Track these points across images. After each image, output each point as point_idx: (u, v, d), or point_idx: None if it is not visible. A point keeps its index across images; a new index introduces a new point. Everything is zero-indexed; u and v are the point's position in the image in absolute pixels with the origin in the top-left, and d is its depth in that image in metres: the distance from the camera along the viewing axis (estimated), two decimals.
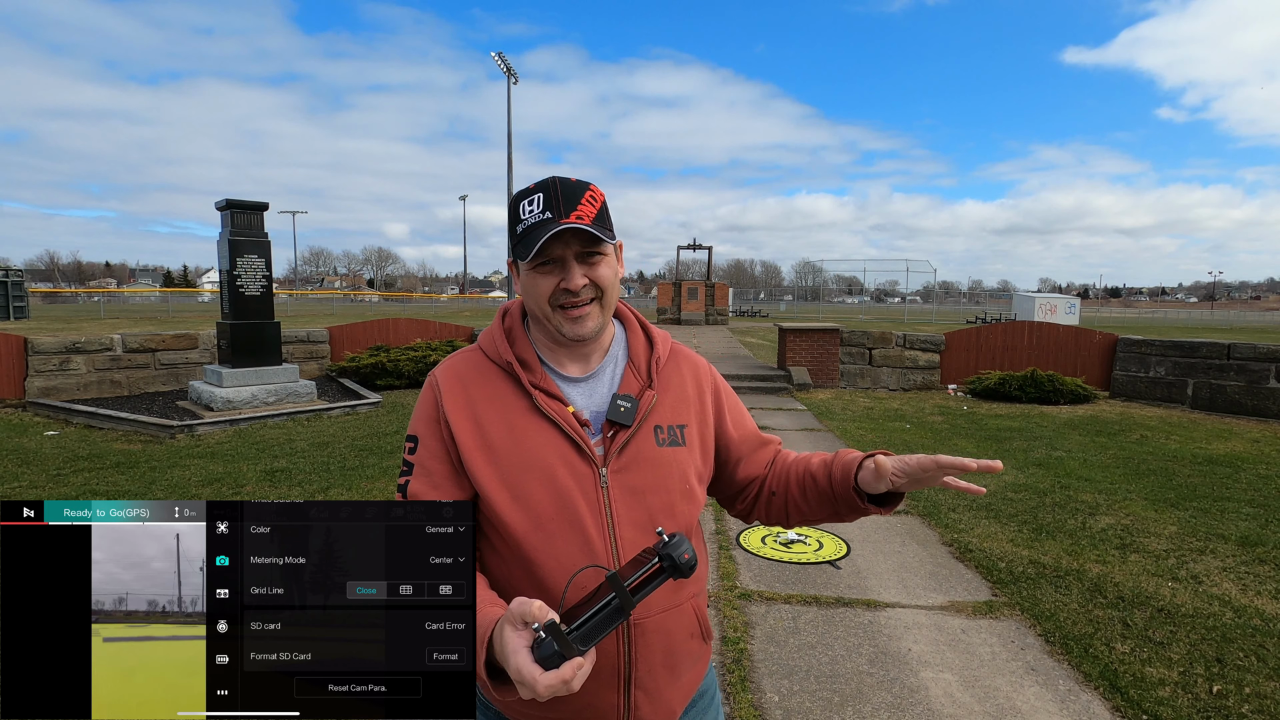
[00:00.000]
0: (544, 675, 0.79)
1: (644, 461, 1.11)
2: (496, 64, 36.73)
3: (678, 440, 1.15)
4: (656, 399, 1.15)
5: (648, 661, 1.08)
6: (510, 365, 1.12)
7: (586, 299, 1.08)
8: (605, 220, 1.09)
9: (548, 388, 1.11)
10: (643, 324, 1.25)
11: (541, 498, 1.05)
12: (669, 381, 1.19)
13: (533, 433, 1.08)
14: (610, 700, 1.06)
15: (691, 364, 1.26)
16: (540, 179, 1.10)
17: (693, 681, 1.17)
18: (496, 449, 1.07)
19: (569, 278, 1.06)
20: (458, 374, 1.14)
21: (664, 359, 1.21)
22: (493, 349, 1.15)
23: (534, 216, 1.05)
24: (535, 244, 1.03)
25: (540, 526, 1.04)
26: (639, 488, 1.09)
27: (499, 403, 1.10)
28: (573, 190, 1.06)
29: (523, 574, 1.05)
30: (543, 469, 1.06)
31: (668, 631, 1.10)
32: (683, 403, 1.19)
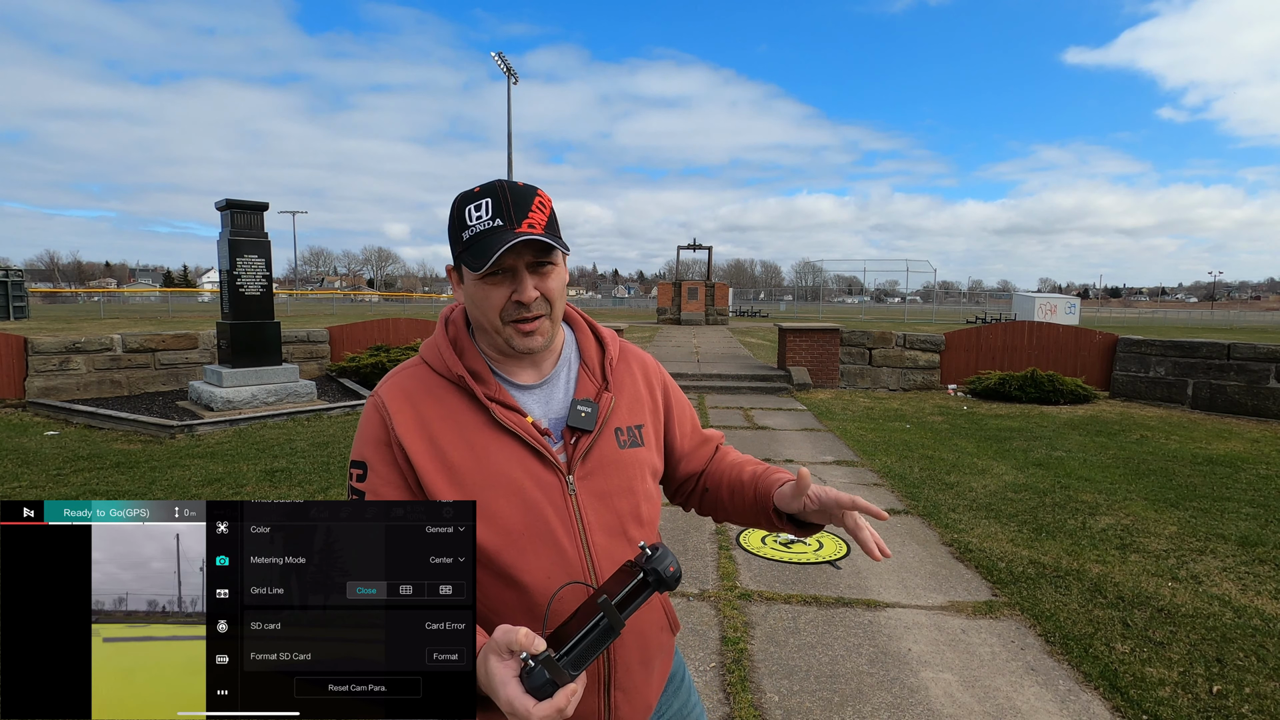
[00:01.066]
0: (538, 707, 0.77)
1: (609, 465, 1.10)
2: (497, 64, 36.73)
3: (637, 440, 1.15)
4: (614, 401, 1.14)
5: (625, 663, 1.08)
6: (462, 379, 1.07)
7: (538, 312, 1.05)
8: (555, 228, 1.05)
9: (504, 399, 1.07)
10: (590, 324, 1.23)
11: (509, 513, 1.02)
12: (622, 382, 1.19)
13: (494, 448, 1.04)
14: (591, 704, 1.06)
15: (641, 362, 1.25)
16: (485, 182, 1.04)
17: (664, 672, 1.18)
18: (457, 468, 1.02)
19: (521, 289, 1.02)
20: (405, 392, 1.07)
21: (616, 359, 1.20)
22: (440, 363, 1.10)
23: (483, 224, 1.00)
24: (489, 254, 0.98)
25: (512, 543, 1.02)
26: (606, 492, 1.09)
27: (453, 420, 1.05)
28: (522, 196, 1.02)
29: (504, 590, 1.03)
30: (508, 484, 1.03)
31: (641, 631, 1.10)
32: (637, 402, 1.19)
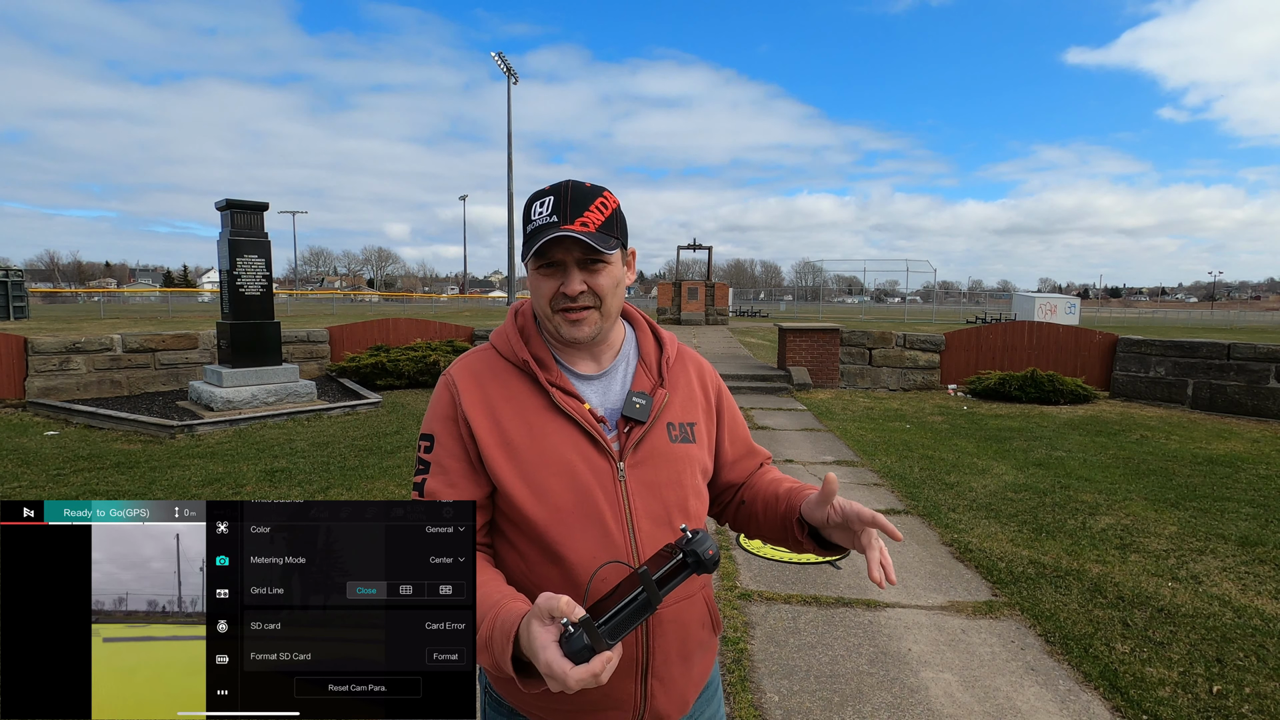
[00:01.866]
0: (574, 669, 0.80)
1: (659, 456, 1.13)
2: (497, 64, 36.69)
3: (689, 437, 1.19)
4: (669, 397, 1.18)
5: (664, 652, 1.10)
6: (526, 364, 1.14)
7: (584, 305, 1.10)
8: (613, 228, 1.10)
9: (564, 385, 1.13)
10: (651, 325, 1.28)
11: (560, 492, 1.07)
12: (677, 380, 1.23)
13: (551, 430, 1.10)
14: (628, 689, 1.09)
15: (697, 365, 1.29)
16: (556, 181, 1.12)
17: (703, 672, 1.21)
18: (516, 446, 1.09)
19: (568, 283, 1.08)
20: (474, 373, 1.16)
21: (673, 359, 1.24)
22: (507, 348, 1.17)
23: (542, 219, 1.07)
24: (534, 246, 1.06)
25: (561, 520, 1.07)
26: (655, 482, 1.12)
27: (516, 401, 1.12)
28: (584, 196, 1.08)
29: (549, 565, 1.08)
30: (562, 464, 1.08)
31: (683, 622, 1.13)
32: (691, 401, 1.23)
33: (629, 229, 1.18)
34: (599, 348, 1.18)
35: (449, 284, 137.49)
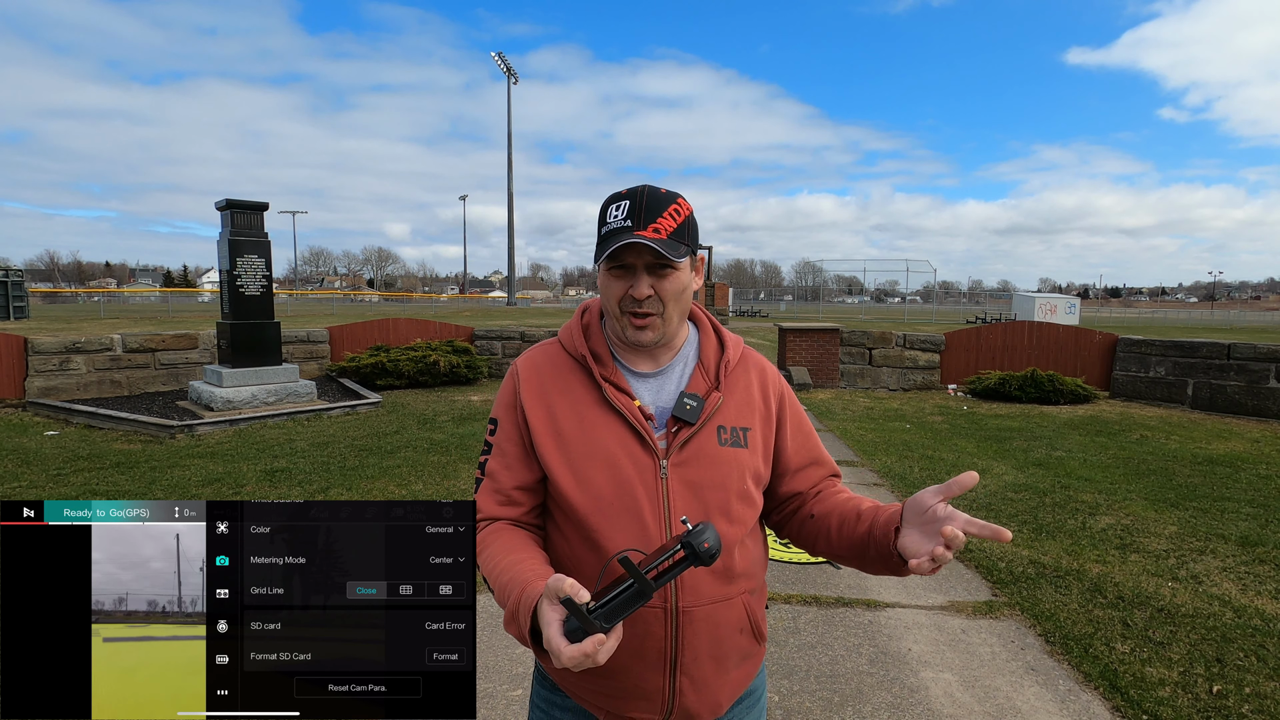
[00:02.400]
0: (567, 647, 0.84)
1: (704, 458, 1.14)
2: (497, 64, 36.69)
3: (740, 442, 1.18)
4: (722, 400, 1.19)
5: (693, 649, 1.11)
6: (584, 358, 1.19)
7: (650, 310, 1.13)
8: (684, 234, 1.13)
9: (617, 381, 1.17)
10: (715, 328, 1.29)
11: (603, 483, 1.11)
12: (735, 384, 1.22)
13: (600, 423, 1.14)
14: (656, 682, 1.11)
15: (760, 369, 1.28)
16: (633, 185, 1.15)
17: (742, 679, 1.20)
18: (566, 436, 1.14)
19: (636, 286, 1.12)
20: (535, 365, 1.22)
21: (733, 363, 1.24)
22: (570, 343, 1.23)
23: (616, 222, 1.11)
24: (607, 249, 1.09)
25: (601, 509, 1.11)
26: (697, 483, 1.13)
27: (571, 394, 1.17)
28: (658, 202, 1.11)
29: (588, 552, 1.12)
30: (606, 457, 1.12)
31: (715, 623, 1.13)
32: (748, 406, 1.22)
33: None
34: (658, 347, 1.21)
35: (449, 284, 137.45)
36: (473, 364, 11.69)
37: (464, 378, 11.54)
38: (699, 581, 1.10)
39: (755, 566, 1.20)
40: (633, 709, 1.13)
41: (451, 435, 7.47)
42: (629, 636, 1.06)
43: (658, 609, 1.08)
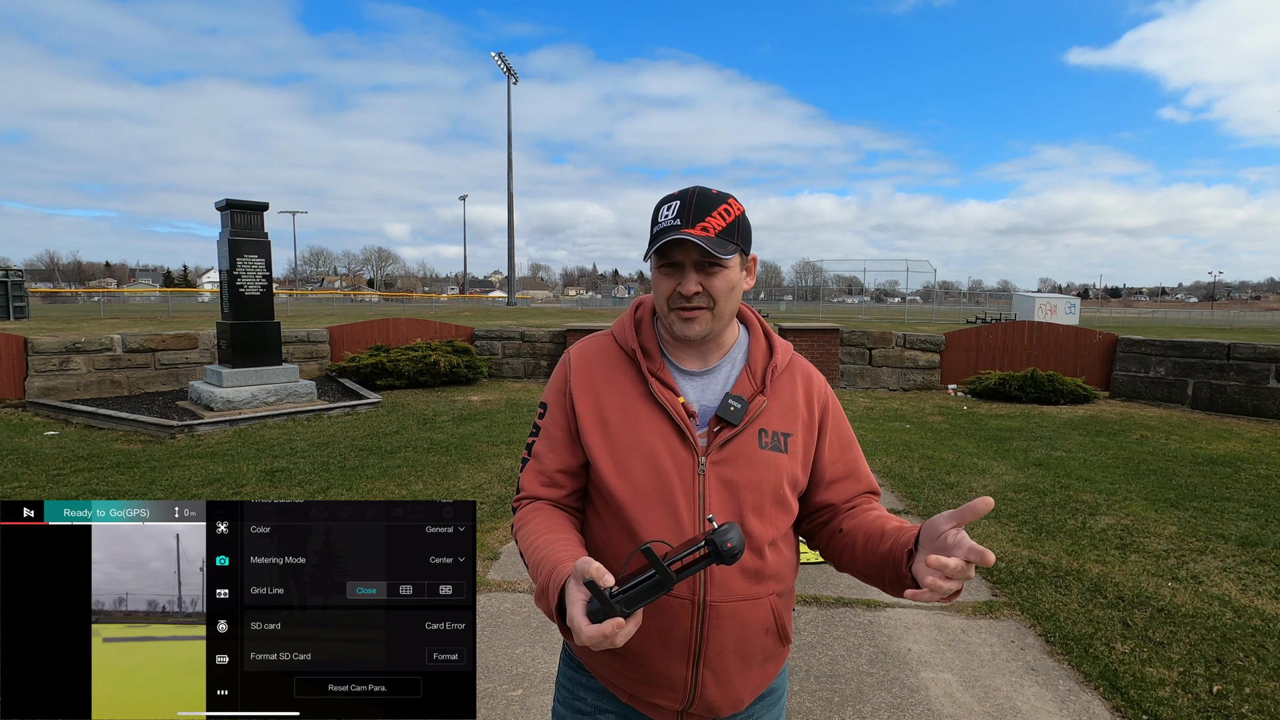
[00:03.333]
0: (587, 626, 0.88)
1: (743, 459, 1.16)
2: (497, 64, 36.73)
3: (780, 446, 1.19)
4: (766, 404, 1.20)
5: (718, 644, 1.13)
6: (634, 352, 1.22)
7: (698, 305, 1.15)
8: (734, 233, 1.14)
9: (663, 377, 1.20)
10: (766, 332, 1.30)
11: (642, 473, 1.14)
12: (781, 390, 1.23)
13: (644, 416, 1.17)
14: (679, 672, 1.13)
15: (806, 376, 1.28)
16: (685, 187, 1.17)
17: (764, 677, 1.22)
18: (610, 425, 1.18)
19: (684, 283, 1.14)
20: (587, 355, 1.26)
21: (780, 368, 1.25)
22: (622, 336, 1.26)
23: (667, 221, 1.14)
24: (656, 245, 1.12)
25: (639, 499, 1.14)
26: (734, 482, 1.15)
27: (618, 385, 1.21)
28: (708, 202, 1.13)
29: (625, 540, 1.15)
30: (647, 449, 1.15)
31: (742, 620, 1.14)
32: (791, 412, 1.22)
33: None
34: (707, 346, 1.23)
35: (449, 284, 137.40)
36: (473, 364, 11.69)
37: (464, 378, 11.54)
38: (729, 578, 1.13)
39: (786, 570, 1.22)
40: (655, 695, 1.16)
41: (451, 435, 7.46)
42: (656, 625, 1.10)
43: (685, 600, 1.11)
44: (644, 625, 1.07)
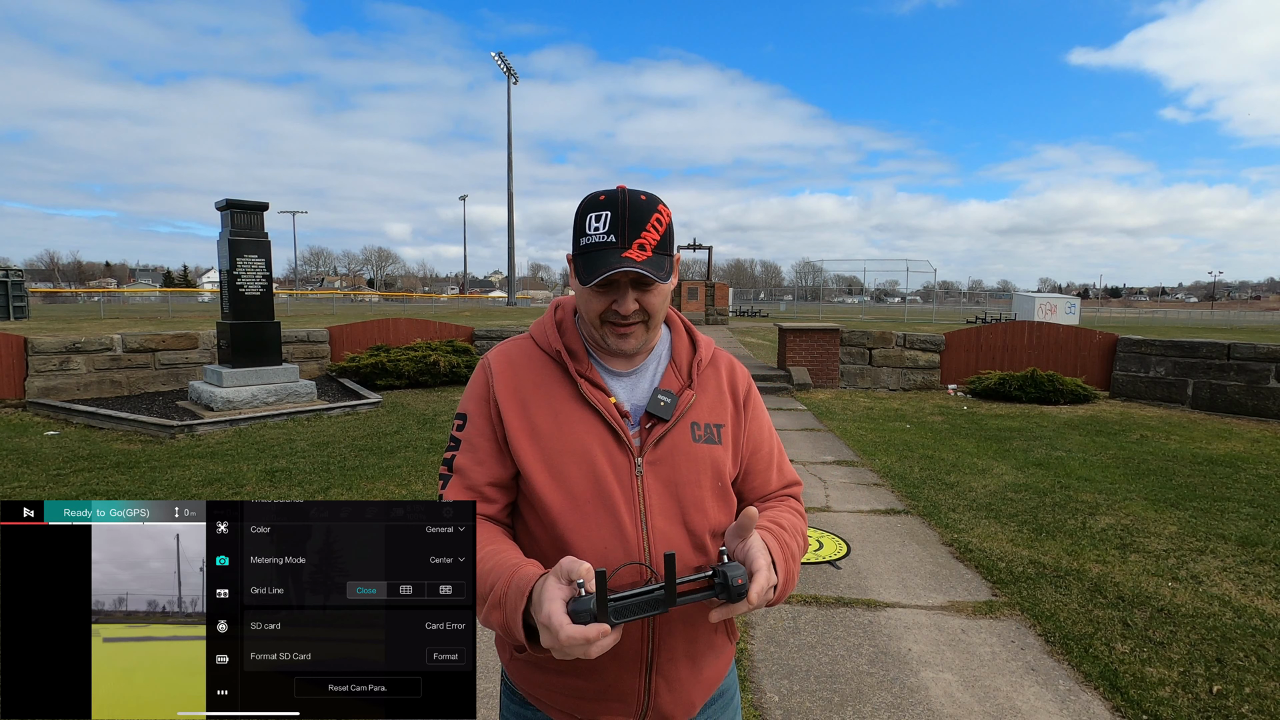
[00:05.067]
0: (570, 625, 0.84)
1: (679, 455, 1.14)
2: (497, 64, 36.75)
3: (714, 438, 1.18)
4: (695, 398, 1.19)
5: (670, 650, 1.10)
6: (559, 354, 1.17)
7: (634, 321, 1.12)
8: (667, 245, 1.10)
9: (593, 378, 1.15)
10: (688, 328, 1.28)
11: (579, 480, 1.09)
12: (707, 383, 1.22)
13: (575, 419, 1.12)
14: (631, 684, 1.09)
15: (730, 367, 1.28)
16: (612, 190, 1.09)
17: (714, 677, 1.20)
18: (540, 431, 1.12)
19: (622, 302, 1.09)
20: (509, 359, 1.19)
21: (705, 362, 1.24)
22: (543, 338, 1.20)
23: (599, 235, 1.07)
24: (595, 274, 1.06)
25: (576, 507, 1.09)
26: (673, 480, 1.12)
27: (545, 389, 1.15)
28: (641, 213, 1.07)
29: (557, 553, 1.08)
30: (582, 453, 1.10)
31: (693, 623, 1.12)
32: (720, 403, 1.22)
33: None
34: None
35: (449, 284, 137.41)
36: (472, 364, 11.70)
37: (464, 378, 11.54)
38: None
39: None
40: (607, 712, 1.11)
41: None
42: None
43: None
44: None
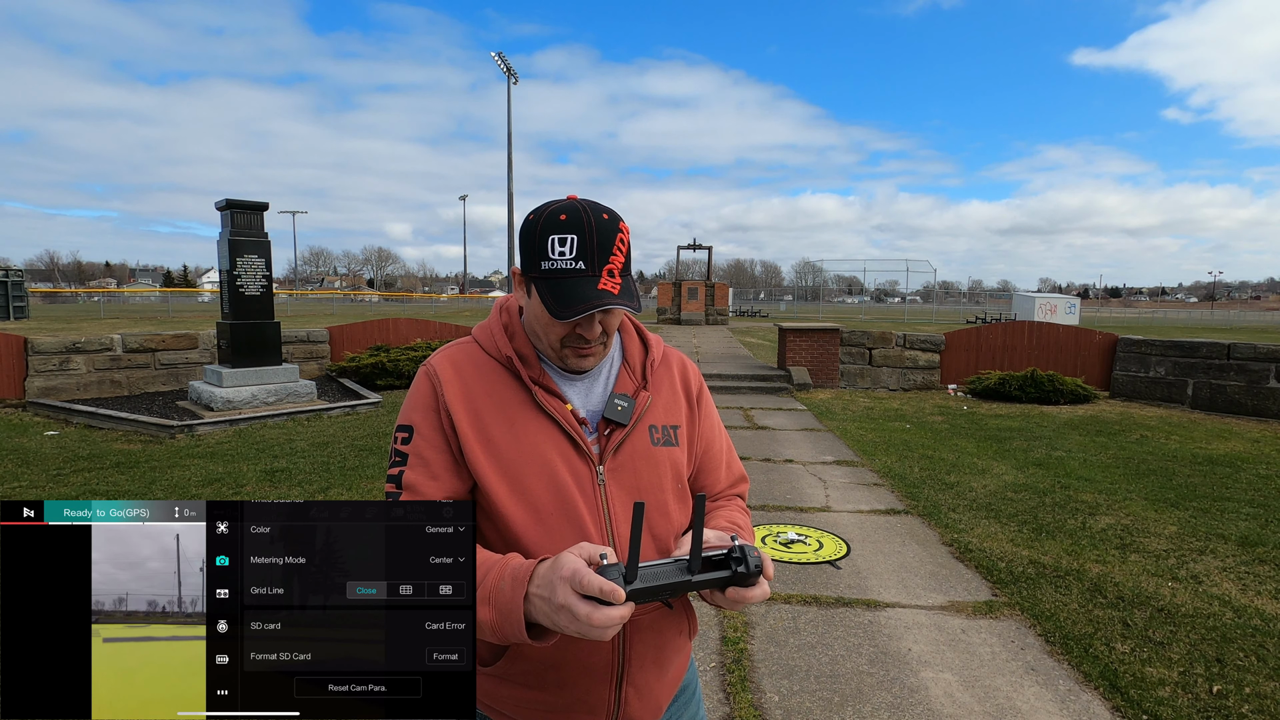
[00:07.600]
0: (599, 579, 0.82)
1: (640, 459, 1.12)
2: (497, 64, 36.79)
3: (671, 440, 1.17)
4: (651, 399, 1.17)
5: (640, 658, 1.09)
6: (510, 360, 1.11)
7: (597, 344, 1.09)
8: (629, 265, 1.06)
9: (547, 384, 1.10)
10: (637, 328, 1.26)
11: (541, 492, 1.05)
12: (661, 383, 1.21)
13: (532, 428, 1.07)
14: (602, 696, 1.07)
15: (681, 366, 1.27)
16: (569, 205, 1.02)
17: (677, 676, 1.19)
18: (496, 443, 1.06)
19: (587, 328, 1.05)
20: (455, 364, 1.11)
21: (657, 362, 1.22)
22: (490, 344, 1.14)
23: (565, 262, 1.00)
24: (569, 307, 0.99)
25: (540, 520, 1.04)
26: (635, 487, 1.10)
27: (497, 397, 1.09)
28: (606, 235, 1.01)
29: None
30: (542, 464, 1.06)
31: (660, 629, 1.11)
32: (675, 403, 1.21)
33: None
34: None
35: (449, 284, 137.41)
36: None
37: None
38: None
39: None
40: None
41: None
42: (578, 651, 1.03)
43: None
44: (565, 650, 1.03)
